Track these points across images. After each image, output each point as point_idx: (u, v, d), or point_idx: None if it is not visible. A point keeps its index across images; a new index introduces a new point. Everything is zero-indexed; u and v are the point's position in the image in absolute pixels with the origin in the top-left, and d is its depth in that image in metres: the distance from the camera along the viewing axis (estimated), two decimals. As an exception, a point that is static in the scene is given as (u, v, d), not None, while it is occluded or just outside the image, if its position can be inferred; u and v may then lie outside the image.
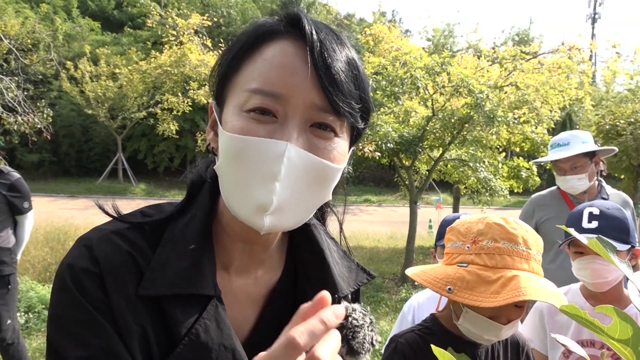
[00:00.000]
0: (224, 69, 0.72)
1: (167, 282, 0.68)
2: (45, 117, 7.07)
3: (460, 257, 1.22)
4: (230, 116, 0.68)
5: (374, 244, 10.43)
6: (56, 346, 0.65)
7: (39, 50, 16.40)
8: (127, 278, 0.67)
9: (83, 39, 23.39)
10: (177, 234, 0.73)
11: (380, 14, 27.49)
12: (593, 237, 0.62)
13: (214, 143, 0.74)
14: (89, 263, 0.66)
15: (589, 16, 36.77)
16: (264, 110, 0.65)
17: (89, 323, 0.64)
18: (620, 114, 9.09)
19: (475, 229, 1.23)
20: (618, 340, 0.58)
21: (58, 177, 20.81)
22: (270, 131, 0.65)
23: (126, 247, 0.69)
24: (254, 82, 0.66)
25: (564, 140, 2.83)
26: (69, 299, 0.65)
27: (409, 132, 7.21)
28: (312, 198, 0.70)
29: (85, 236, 0.70)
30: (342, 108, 0.67)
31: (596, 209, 1.70)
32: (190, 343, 0.67)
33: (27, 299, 5.13)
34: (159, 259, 0.70)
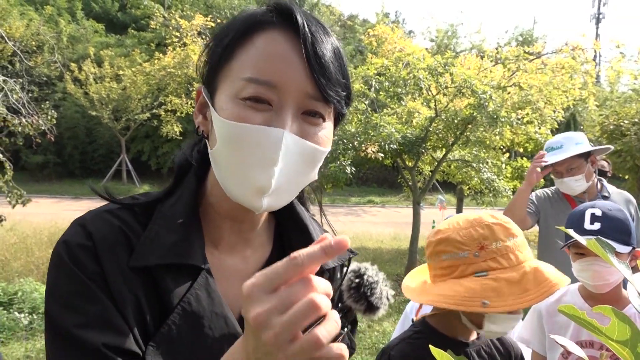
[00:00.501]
0: (215, 57, 0.75)
1: (157, 253, 0.71)
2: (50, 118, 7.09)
3: (473, 267, 1.18)
4: (225, 103, 0.71)
5: (378, 245, 10.42)
6: (54, 317, 0.67)
7: (44, 52, 16.48)
8: (120, 251, 0.71)
9: (87, 40, 23.47)
10: (165, 212, 0.76)
11: (383, 14, 27.50)
12: (592, 238, 0.61)
13: (203, 126, 0.78)
14: (83, 238, 0.70)
15: (593, 16, 36.65)
16: (259, 98, 0.69)
17: (85, 293, 0.67)
18: (624, 114, 9.06)
19: (477, 235, 1.19)
20: (616, 341, 0.57)
21: (62, 178, 20.88)
22: (266, 119, 0.69)
23: (118, 223, 0.73)
24: (248, 70, 0.69)
25: (557, 144, 2.85)
26: (65, 272, 0.68)
27: (412, 133, 7.20)
28: (302, 179, 0.76)
29: (79, 217, 0.75)
30: (332, 96, 0.71)
31: (598, 210, 1.69)
32: (182, 311, 0.70)
33: (31, 300, 5.14)
34: (149, 234, 0.73)
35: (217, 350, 0.68)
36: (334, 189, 6.86)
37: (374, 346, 4.88)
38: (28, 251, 7.18)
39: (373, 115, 6.81)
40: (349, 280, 0.61)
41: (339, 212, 16.20)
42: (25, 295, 5.19)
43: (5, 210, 6.04)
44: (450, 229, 1.25)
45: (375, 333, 5.15)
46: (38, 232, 8.37)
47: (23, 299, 5.14)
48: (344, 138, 6.42)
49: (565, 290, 1.84)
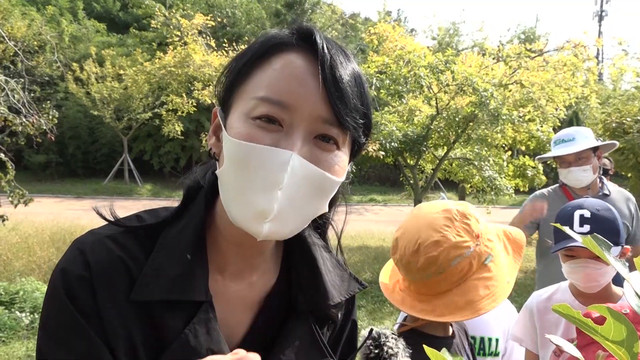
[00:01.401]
0: (232, 76, 0.73)
1: (159, 287, 0.69)
2: (51, 118, 7.09)
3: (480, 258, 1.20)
4: (236, 122, 0.69)
5: (379, 243, 10.41)
6: (43, 349, 0.67)
7: (45, 52, 16.50)
8: (118, 283, 0.68)
9: (89, 40, 23.49)
10: (170, 239, 0.74)
11: (385, 13, 27.45)
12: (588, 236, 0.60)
13: (215, 148, 0.75)
14: (81, 268, 0.67)
15: (595, 13, 36.50)
16: (270, 118, 0.66)
17: (75, 328, 0.66)
18: (627, 112, 9.01)
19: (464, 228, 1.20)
20: (612, 341, 0.56)
21: (64, 178, 20.90)
22: (276, 140, 0.66)
23: (119, 252, 0.70)
24: (262, 90, 0.67)
25: (569, 136, 2.85)
26: (59, 304, 0.67)
27: (413, 131, 7.18)
28: (310, 208, 0.71)
29: (80, 239, 0.72)
30: (347, 122, 0.68)
31: (587, 212, 1.66)
32: (178, 347, 0.68)
33: (32, 299, 5.14)
34: (152, 264, 0.71)
35: None
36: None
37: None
38: (30, 251, 7.19)
39: (374, 114, 6.80)
40: (367, 348, 0.58)
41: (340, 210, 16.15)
42: (26, 295, 5.19)
43: (8, 209, 6.05)
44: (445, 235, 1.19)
45: (376, 332, 5.14)
46: (40, 232, 8.37)
47: (24, 298, 5.14)
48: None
49: (557, 287, 1.83)
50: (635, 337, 0.56)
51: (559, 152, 2.81)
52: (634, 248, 2.80)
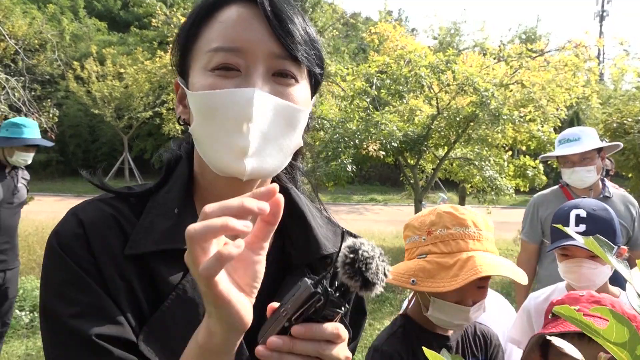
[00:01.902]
0: (182, 41, 0.76)
1: (152, 240, 0.71)
2: (52, 116, 7.10)
3: (419, 250, 1.28)
4: (196, 78, 0.72)
5: (380, 242, 10.39)
6: (48, 307, 0.68)
7: (46, 50, 16.48)
8: (112, 239, 0.71)
9: (90, 39, 23.50)
10: (159, 200, 0.76)
11: (386, 12, 27.42)
12: (589, 237, 0.60)
13: (184, 115, 0.79)
14: (74, 226, 0.70)
15: (597, 14, 36.49)
16: (227, 66, 0.70)
17: (77, 283, 0.67)
18: (628, 112, 9.00)
19: (428, 221, 1.29)
20: (614, 343, 0.56)
21: (65, 176, 20.91)
22: (236, 84, 0.69)
23: (110, 211, 0.73)
24: (213, 42, 0.71)
25: (575, 136, 2.82)
26: (57, 262, 0.69)
27: (413, 130, 7.18)
28: (285, 140, 0.74)
29: (73, 207, 0.75)
30: (299, 53, 0.72)
31: (583, 211, 1.67)
32: (177, 298, 0.70)
33: (32, 298, 5.14)
34: (144, 222, 0.73)
35: None
36: (336, 187, 6.84)
37: (375, 345, 4.87)
38: (30, 249, 7.19)
39: (375, 113, 6.79)
40: (343, 255, 0.58)
41: (341, 210, 16.18)
42: (26, 293, 5.19)
43: (7, 208, 6.05)
44: (415, 217, 1.37)
45: (376, 332, 5.13)
46: (40, 230, 8.38)
47: (24, 297, 5.14)
48: (345, 136, 6.41)
49: (554, 288, 1.84)
50: (637, 339, 0.55)
51: (564, 152, 2.79)
52: (634, 253, 2.78)
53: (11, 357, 4.20)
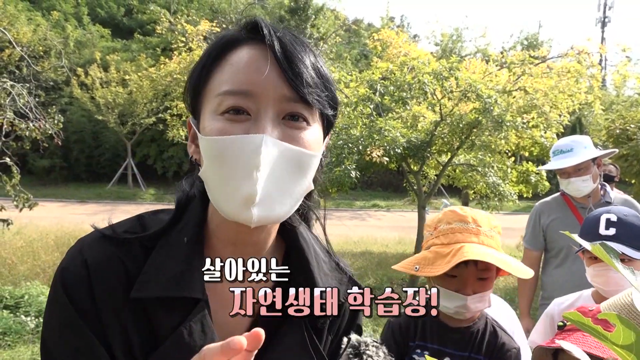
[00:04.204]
0: (194, 82, 0.76)
1: (159, 285, 0.71)
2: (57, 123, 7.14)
3: (428, 243, 1.46)
4: (207, 122, 0.71)
5: (383, 249, 10.40)
6: (46, 343, 0.72)
7: (51, 57, 16.60)
8: (114, 281, 0.71)
9: (93, 45, 23.62)
10: (169, 240, 0.76)
11: (388, 19, 27.51)
12: (596, 243, 0.62)
13: (196, 155, 0.77)
14: (79, 266, 0.71)
15: (598, 20, 36.53)
16: (237, 109, 0.69)
17: (74, 327, 0.69)
18: (630, 118, 9.00)
19: (437, 219, 1.47)
20: (621, 347, 0.58)
21: (68, 182, 20.97)
22: (246, 128, 0.68)
23: (117, 252, 0.73)
24: (224, 85, 0.70)
25: (567, 147, 2.82)
26: (59, 301, 0.71)
27: (417, 137, 7.19)
28: (295, 186, 0.73)
29: (81, 239, 0.76)
30: (310, 96, 0.71)
31: (614, 216, 1.68)
32: (173, 344, 0.70)
33: (37, 303, 5.16)
34: (153, 263, 0.73)
35: None
36: (339, 193, 6.85)
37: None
38: (34, 255, 7.21)
39: (378, 120, 6.82)
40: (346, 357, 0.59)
41: (343, 216, 16.18)
42: (31, 299, 5.21)
43: (12, 213, 6.09)
44: (431, 217, 1.55)
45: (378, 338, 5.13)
46: (44, 236, 8.40)
47: (29, 302, 5.16)
48: (349, 142, 6.43)
49: (579, 295, 1.84)
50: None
51: (558, 165, 2.78)
52: None
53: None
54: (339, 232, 11.41)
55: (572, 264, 2.69)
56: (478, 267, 1.35)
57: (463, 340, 1.41)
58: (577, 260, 2.42)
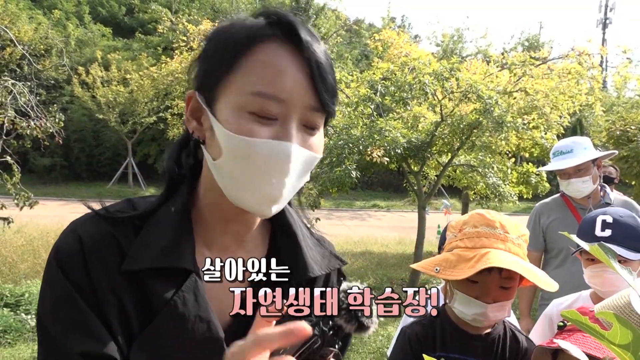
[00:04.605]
0: (213, 64, 0.75)
1: (149, 257, 0.73)
2: (58, 121, 7.15)
3: (450, 245, 1.40)
4: (231, 116, 0.72)
5: (383, 249, 10.41)
6: (41, 320, 0.73)
7: (52, 55, 16.60)
8: (108, 255, 0.73)
9: (95, 44, 23.63)
10: (159, 218, 0.78)
11: (389, 19, 27.51)
12: (594, 244, 0.63)
13: (198, 132, 0.78)
14: (72, 243, 0.73)
15: (599, 21, 36.48)
16: (266, 112, 0.71)
17: (69, 301, 0.70)
18: (631, 119, 9.01)
19: (462, 220, 1.42)
20: (619, 346, 0.58)
21: (69, 181, 20.97)
22: (273, 132, 0.71)
23: (109, 228, 0.75)
24: (255, 85, 0.71)
25: (567, 148, 2.83)
26: (53, 277, 0.72)
27: (417, 137, 7.20)
28: (300, 184, 0.80)
29: (75, 220, 0.78)
30: (331, 107, 0.76)
31: (609, 217, 1.69)
32: (168, 313, 0.72)
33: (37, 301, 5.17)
34: (142, 239, 0.75)
35: (197, 353, 0.72)
36: (339, 193, 6.86)
37: (378, 350, 4.88)
38: (35, 253, 7.22)
39: (378, 120, 6.82)
40: (340, 301, 0.62)
41: (343, 216, 16.18)
42: (32, 297, 5.22)
43: (13, 212, 6.10)
44: (457, 218, 1.50)
45: (380, 337, 5.14)
46: (45, 234, 8.41)
47: (30, 300, 5.17)
48: (350, 142, 6.43)
49: (577, 296, 1.85)
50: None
51: (558, 166, 2.79)
52: None
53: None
54: (339, 232, 11.42)
55: (571, 265, 2.70)
56: (502, 275, 1.29)
57: (485, 348, 1.38)
58: (576, 261, 2.42)
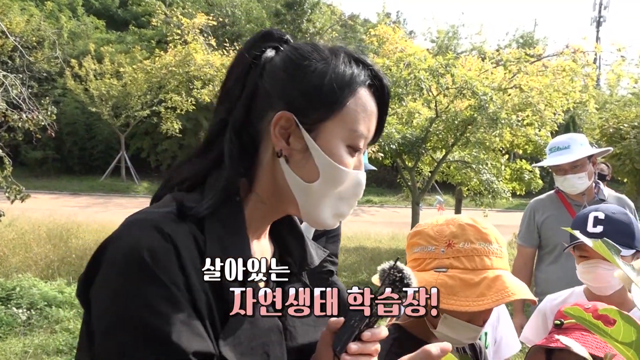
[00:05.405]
0: (320, 98, 0.83)
1: (224, 253, 0.77)
2: (50, 114, 7.08)
3: (436, 262, 1.19)
4: (334, 147, 0.84)
5: (376, 244, 10.43)
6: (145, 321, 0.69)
7: (44, 47, 16.42)
8: (193, 253, 0.75)
9: (88, 37, 23.42)
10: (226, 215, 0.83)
11: (384, 14, 27.48)
12: (598, 240, 0.62)
13: (286, 151, 0.84)
14: (163, 241, 0.73)
15: (593, 19, 36.59)
16: (357, 147, 0.86)
17: (171, 299, 0.70)
18: (624, 117, 9.07)
19: (448, 232, 1.20)
20: (622, 343, 0.58)
21: (61, 174, 20.84)
22: (354, 162, 0.86)
23: (185, 226, 0.77)
24: (357, 124, 0.84)
25: (564, 144, 2.84)
26: (150, 278, 0.70)
27: (412, 133, 7.22)
28: None
29: (144, 219, 0.77)
30: None
31: (601, 214, 1.70)
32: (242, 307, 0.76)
33: (29, 295, 5.14)
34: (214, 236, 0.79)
35: (267, 340, 0.79)
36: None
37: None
38: (26, 247, 7.18)
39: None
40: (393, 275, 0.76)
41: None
42: (23, 291, 5.18)
43: (4, 205, 6.04)
44: (428, 225, 1.27)
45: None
46: (36, 228, 8.35)
47: (21, 294, 5.13)
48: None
49: (570, 292, 1.86)
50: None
51: (555, 162, 2.80)
52: None
53: (8, 355, 4.20)
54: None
55: (565, 261, 2.71)
56: None
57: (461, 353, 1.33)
58: (570, 258, 2.42)
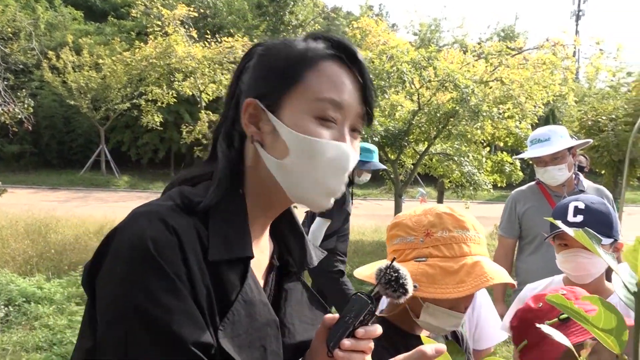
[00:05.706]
0: (277, 77, 0.85)
1: (224, 248, 0.80)
2: (27, 107, 6.95)
3: (416, 252, 1.20)
4: (296, 119, 0.82)
5: (359, 237, 10.46)
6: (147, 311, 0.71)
7: (20, 39, 16.04)
8: (196, 246, 0.77)
9: (65, 28, 22.93)
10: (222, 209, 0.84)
11: (367, 7, 27.47)
12: (579, 230, 0.62)
13: (257, 136, 0.86)
14: (168, 234, 0.75)
15: (573, 13, 37.09)
16: (329, 118, 0.83)
17: (173, 290, 0.73)
18: (602, 110, 9.23)
19: (426, 221, 1.22)
20: (602, 330, 0.58)
21: (39, 168, 20.45)
22: (333, 135, 0.83)
23: (189, 219, 0.79)
24: (321, 92, 0.83)
25: (544, 136, 2.87)
26: (154, 268, 0.73)
27: (394, 126, 7.24)
28: None
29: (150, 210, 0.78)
30: (373, 116, 0.91)
31: (581, 203, 1.75)
32: (242, 300, 0.80)
33: (7, 292, 5.04)
34: (215, 230, 0.81)
35: (262, 334, 0.81)
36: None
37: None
38: (4, 242, 7.03)
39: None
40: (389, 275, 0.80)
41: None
42: (1, 287, 5.09)
43: (-20, 200, 5.91)
44: (406, 215, 1.28)
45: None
46: (14, 223, 8.19)
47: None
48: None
49: (550, 280, 1.89)
50: (623, 326, 0.58)
51: (536, 154, 2.83)
52: None
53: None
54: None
55: (545, 251, 2.75)
56: None
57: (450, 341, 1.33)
58: (550, 248, 2.46)
